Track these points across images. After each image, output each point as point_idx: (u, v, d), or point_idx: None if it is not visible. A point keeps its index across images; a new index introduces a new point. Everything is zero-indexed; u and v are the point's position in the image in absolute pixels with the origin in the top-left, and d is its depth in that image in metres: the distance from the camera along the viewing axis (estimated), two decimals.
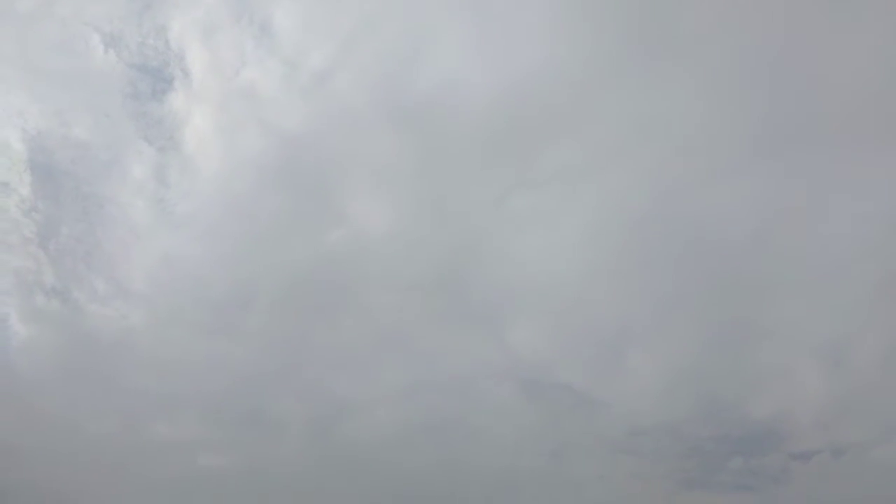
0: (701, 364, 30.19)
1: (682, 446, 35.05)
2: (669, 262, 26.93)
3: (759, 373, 29.68)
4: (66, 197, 32.42)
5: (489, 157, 26.62)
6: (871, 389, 22.14)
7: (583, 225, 28.68)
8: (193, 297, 30.41)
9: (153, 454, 29.29)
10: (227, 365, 29.86)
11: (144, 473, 28.40)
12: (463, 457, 33.44)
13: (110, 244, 29.62)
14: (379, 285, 32.52)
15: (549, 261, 29.52)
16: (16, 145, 22.68)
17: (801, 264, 26.48)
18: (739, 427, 32.94)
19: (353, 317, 30.73)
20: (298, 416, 29.40)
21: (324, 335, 29.88)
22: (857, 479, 26.47)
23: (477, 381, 35.16)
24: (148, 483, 28.56)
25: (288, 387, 31.18)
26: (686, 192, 26.17)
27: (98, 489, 26.95)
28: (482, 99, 24.20)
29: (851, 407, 29.55)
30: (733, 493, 32.25)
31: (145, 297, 29.77)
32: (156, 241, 30.15)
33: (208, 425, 29.96)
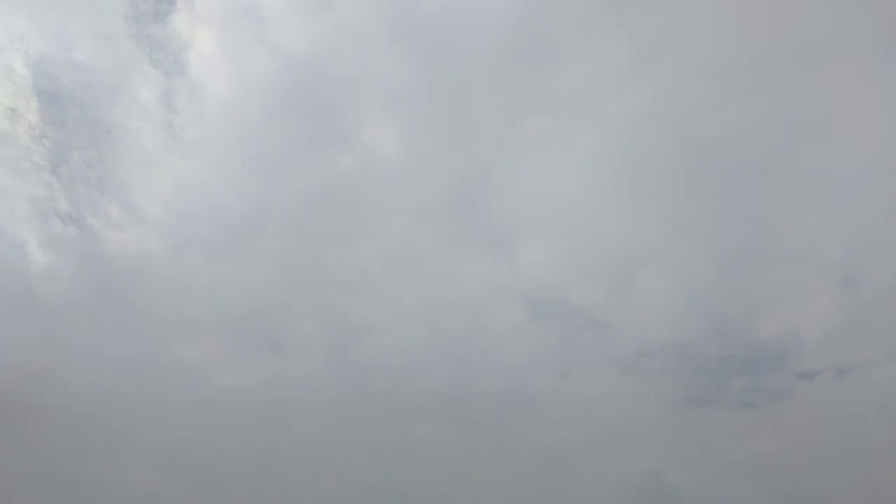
0: (711, 286, 30.57)
1: (689, 366, 35.90)
2: (684, 184, 26.85)
3: (768, 294, 30.04)
4: (74, 123, 32.07)
5: (503, 77, 26.14)
6: (879, 310, 22.41)
7: (597, 146, 28.47)
8: (207, 223, 30.68)
9: (173, 376, 30.30)
10: (242, 288, 30.44)
11: (165, 395, 29.53)
12: (474, 376, 34.47)
13: (122, 170, 29.66)
14: (391, 209, 32.69)
15: (562, 183, 29.52)
16: (20, 70, 22.38)
17: (816, 185, 26.39)
18: (746, 347, 33.63)
19: (366, 241, 31.03)
20: (314, 337, 30.20)
21: (337, 259, 30.28)
22: (860, 398, 27.29)
23: (488, 303, 35.71)
24: (169, 404, 29.71)
25: (303, 309, 31.85)
26: (703, 113, 25.76)
27: (120, 411, 28.12)
28: (496, 17, 23.56)
29: (858, 327, 29.95)
30: (737, 410, 33.26)
31: (159, 223, 30.05)
32: (167, 167, 30.16)
33: (226, 347, 30.85)
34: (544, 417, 35.75)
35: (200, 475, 30.85)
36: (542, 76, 26.25)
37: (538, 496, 32.79)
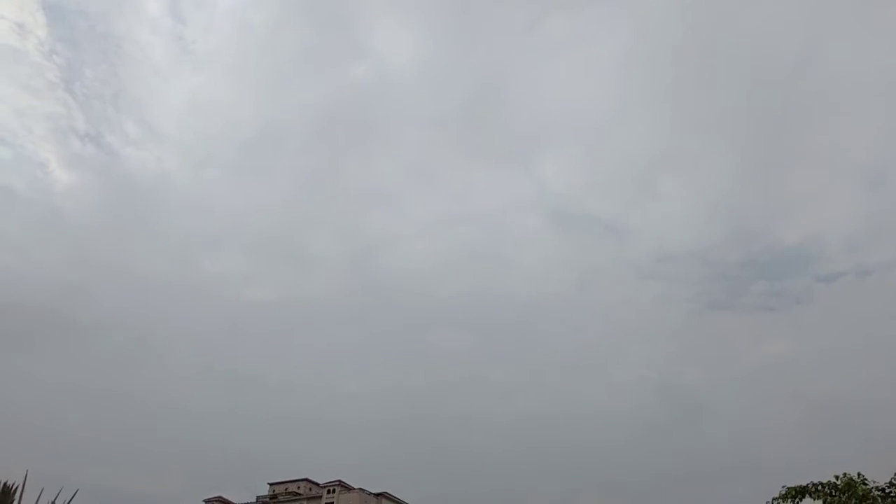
0: (733, 190, 29.95)
1: (708, 271, 35.42)
2: (707, 87, 26.03)
3: (792, 198, 29.34)
4: (83, 38, 30.96)
5: None
6: None
7: (619, 50, 27.15)
8: (224, 139, 30.60)
9: (201, 290, 30.86)
10: (262, 204, 30.53)
11: (194, 308, 30.20)
12: (493, 285, 34.52)
13: (136, 87, 29.29)
14: (407, 120, 32.00)
15: (582, 89, 28.57)
16: None
17: (843, 88, 25.04)
18: (767, 252, 33.06)
19: (383, 153, 30.83)
20: (335, 250, 30.56)
21: (355, 172, 30.22)
22: (880, 299, 27.01)
23: (507, 213, 35.44)
24: (198, 317, 30.35)
25: (323, 223, 31.98)
26: (728, 16, 24.19)
27: (152, 325, 28.80)
28: None
29: (882, 229, 29.01)
30: (756, 314, 33.10)
31: (177, 140, 30.04)
32: (181, 83, 29.74)
33: (250, 262, 31.25)
34: (562, 324, 35.27)
35: (230, 385, 31.29)
36: None
37: (556, 399, 32.85)
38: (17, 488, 1.27)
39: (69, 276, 33.85)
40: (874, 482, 1.73)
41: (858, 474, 1.76)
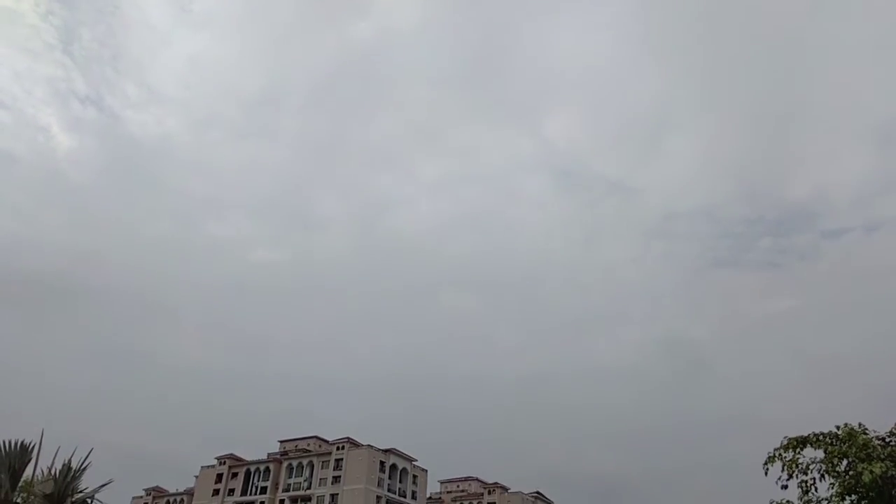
0: (740, 147, 29.56)
1: (714, 229, 35.15)
2: (714, 39, 25.43)
3: (800, 154, 28.93)
4: None
5: None
6: None
7: (623, 6, 26.39)
8: (225, 100, 30.29)
9: (207, 253, 30.92)
10: (266, 166, 30.37)
11: (201, 271, 30.30)
12: (498, 246, 34.45)
13: (134, 48, 28.86)
14: (410, 79, 31.50)
15: (587, 44, 27.97)
16: None
17: (854, 43, 24.42)
18: (774, 208, 32.68)
19: (387, 113, 30.51)
20: (340, 213, 30.50)
21: (358, 133, 29.99)
22: (887, 254, 26.79)
23: (512, 173, 35.13)
24: (206, 280, 30.41)
25: (328, 185, 31.85)
26: None
27: (160, 288, 28.90)
28: None
29: (892, 184, 28.62)
30: (761, 271, 32.97)
31: (178, 101, 29.76)
32: (180, 43, 29.30)
33: (256, 225, 31.24)
34: (568, 284, 35.30)
35: (240, 345, 31.56)
36: None
37: (561, 357, 33.09)
38: (34, 447, 1.30)
39: (78, 243, 34.08)
40: (874, 431, 1.76)
41: (859, 424, 1.78)
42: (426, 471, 19.10)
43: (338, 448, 17.59)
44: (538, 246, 37.45)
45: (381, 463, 17.32)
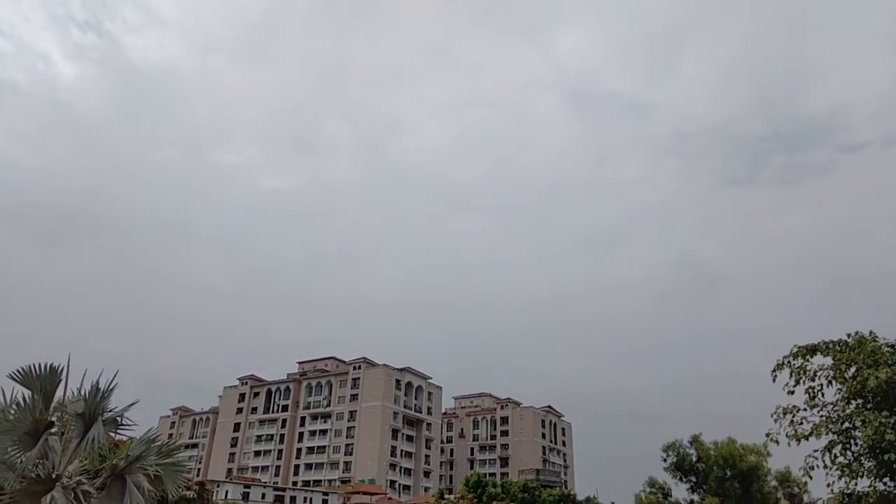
0: (758, 58, 28.60)
1: (728, 146, 34.57)
2: None
3: (818, 67, 27.94)
4: None
5: None
6: None
7: None
8: (225, 23, 29.47)
9: (216, 179, 30.83)
10: (270, 90, 29.81)
11: (212, 198, 30.32)
12: (510, 167, 34.10)
13: None
14: None
15: None
16: None
17: None
18: (790, 123, 31.99)
19: (390, 31, 29.61)
20: (347, 136, 30.19)
21: (364, 53, 29.23)
22: None
23: (522, 93, 34.35)
24: (217, 206, 30.47)
25: (334, 108, 31.42)
26: None
27: (173, 215, 29.05)
28: None
29: None
30: (775, 187, 32.56)
31: (178, 25, 29.01)
32: None
33: (263, 150, 31.01)
34: (580, 204, 35.11)
35: (254, 269, 31.98)
36: None
37: (574, 278, 33.31)
38: (62, 369, 1.35)
39: (88, 171, 34.08)
40: (885, 339, 1.77)
41: (870, 332, 1.79)
42: (441, 388, 19.68)
43: (355, 368, 18.10)
44: (550, 167, 37.11)
45: (397, 381, 17.84)
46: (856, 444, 1.70)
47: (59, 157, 33.26)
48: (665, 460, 6.58)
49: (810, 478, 1.75)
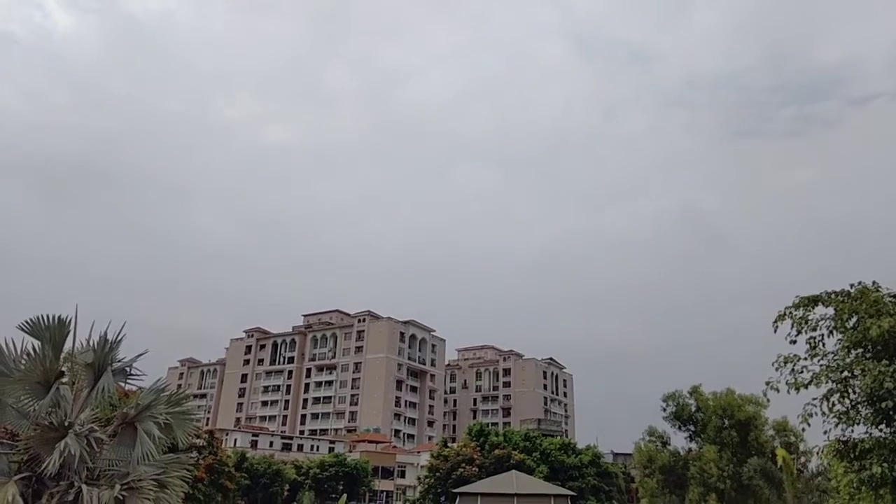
0: (767, 10, 27.82)
1: (737, 97, 34.02)
2: None
3: (830, 17, 27.22)
4: None
5: None
6: None
7: None
8: None
9: (219, 132, 30.56)
10: (272, 41, 29.26)
11: (215, 150, 30.08)
12: (515, 119, 33.67)
13: None
14: None
15: None
16: None
17: None
18: (800, 75, 31.39)
19: None
20: (350, 87, 29.76)
21: (365, 1, 28.44)
22: None
23: (527, 41, 33.67)
24: (220, 159, 30.27)
25: (337, 58, 30.90)
26: None
27: (176, 167, 28.88)
28: None
29: None
30: (783, 140, 32.20)
31: None
32: None
33: (266, 102, 30.61)
34: (586, 156, 34.88)
35: (257, 222, 31.91)
36: None
37: (577, 231, 33.25)
38: (70, 320, 1.37)
39: (90, 124, 33.67)
40: (887, 289, 1.77)
41: (873, 282, 1.79)
42: (444, 340, 19.94)
43: (359, 320, 18.30)
44: (556, 118, 36.54)
45: (401, 333, 18.06)
46: (854, 393, 1.73)
47: (60, 110, 32.90)
48: (664, 410, 6.70)
49: (808, 424, 1.78)
